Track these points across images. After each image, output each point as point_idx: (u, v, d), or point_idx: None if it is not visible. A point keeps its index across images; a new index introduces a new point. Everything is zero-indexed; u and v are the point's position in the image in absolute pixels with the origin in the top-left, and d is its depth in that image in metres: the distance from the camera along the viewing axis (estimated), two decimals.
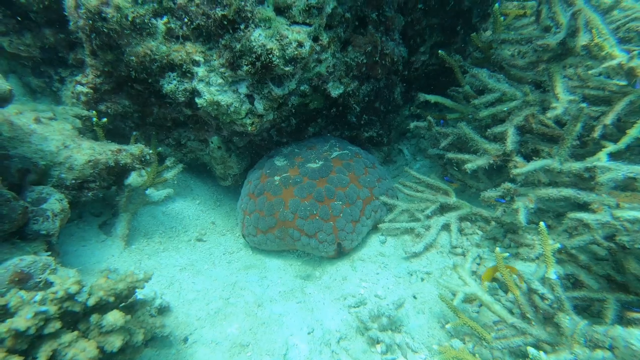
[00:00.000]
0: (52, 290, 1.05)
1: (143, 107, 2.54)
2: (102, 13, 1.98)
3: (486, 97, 2.05)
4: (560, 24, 1.66)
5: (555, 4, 1.68)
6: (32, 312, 0.99)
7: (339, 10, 2.38)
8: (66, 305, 1.07)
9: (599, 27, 1.53)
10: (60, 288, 1.05)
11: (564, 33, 1.62)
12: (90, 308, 1.13)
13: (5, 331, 0.95)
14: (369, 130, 3.10)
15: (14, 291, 1.03)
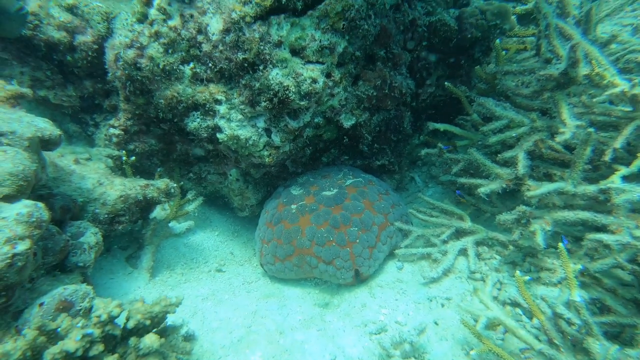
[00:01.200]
0: (97, 314, 1.11)
1: (168, 145, 2.70)
2: (137, 64, 2.17)
3: (494, 124, 2.13)
4: (560, 56, 1.77)
5: (554, 38, 1.80)
6: (80, 335, 1.04)
7: (350, 50, 2.55)
8: (108, 328, 1.12)
9: (598, 58, 1.63)
10: (103, 311, 1.11)
11: (565, 64, 1.72)
12: (128, 331, 1.17)
13: (58, 352, 1.01)
14: (381, 159, 3.18)
15: (63, 316, 1.10)
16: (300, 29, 2.36)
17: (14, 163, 1.35)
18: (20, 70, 2.27)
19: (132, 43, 2.18)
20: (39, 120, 1.55)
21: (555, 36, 1.80)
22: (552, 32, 1.81)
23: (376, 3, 2.48)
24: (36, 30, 2.13)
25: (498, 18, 2.49)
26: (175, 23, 2.25)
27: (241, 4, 2.20)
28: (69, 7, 2.13)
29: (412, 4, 2.68)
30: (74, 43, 2.22)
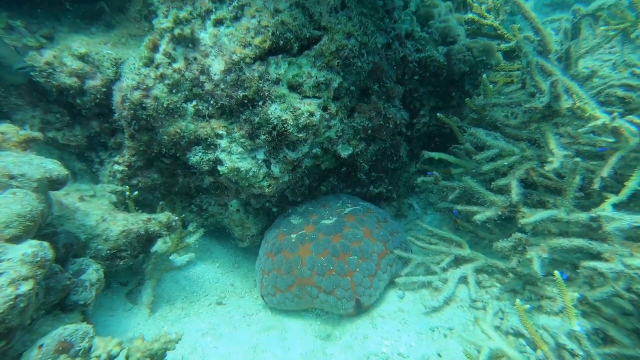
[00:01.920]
0: (96, 354, 1.10)
1: (169, 179, 2.75)
2: (142, 103, 2.28)
3: (486, 153, 2.20)
4: (543, 90, 1.86)
5: (536, 74, 1.90)
6: None
7: (344, 85, 2.67)
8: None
9: (578, 93, 1.72)
10: (103, 351, 1.11)
11: (548, 98, 1.81)
12: None
13: None
14: (379, 187, 3.23)
15: (62, 357, 1.09)
16: (297, 67, 2.49)
17: (22, 204, 1.39)
18: (32, 114, 2.38)
19: (139, 85, 2.29)
20: (47, 162, 1.61)
21: (536, 72, 1.91)
22: (533, 69, 1.92)
23: (368, 42, 2.62)
24: (49, 78, 2.26)
25: (484, 54, 2.63)
26: (179, 65, 2.38)
27: (241, 46, 2.34)
28: (81, 56, 2.27)
29: (403, 43, 2.83)
30: (84, 87, 2.33)
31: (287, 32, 2.37)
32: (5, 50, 1.84)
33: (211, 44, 2.39)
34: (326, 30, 2.48)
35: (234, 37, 2.35)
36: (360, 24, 2.58)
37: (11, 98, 2.30)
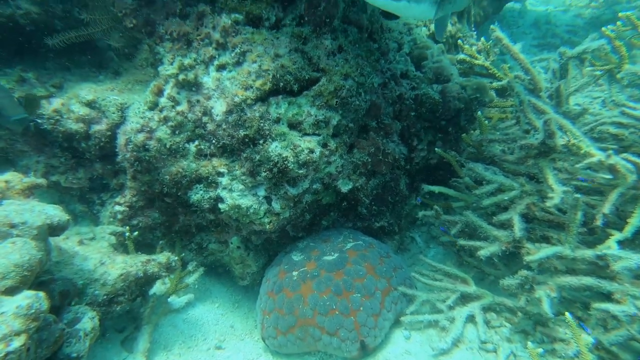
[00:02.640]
0: None
1: (170, 217, 2.74)
2: (146, 145, 2.32)
3: (486, 188, 2.20)
4: (537, 128, 1.91)
5: (529, 113, 1.95)
6: None
7: (343, 122, 2.73)
8: None
9: (572, 130, 1.76)
10: None
11: (542, 135, 1.85)
12: None
13: None
14: (380, 220, 3.20)
15: None
16: (297, 107, 2.56)
17: (21, 254, 1.37)
18: (36, 159, 2.42)
19: (143, 128, 2.34)
20: (49, 208, 1.60)
21: (529, 110, 1.96)
22: (526, 108, 1.97)
23: (365, 82, 2.72)
24: (56, 124, 2.32)
25: (478, 92, 2.72)
26: (183, 108, 2.45)
27: (243, 89, 2.42)
28: (88, 103, 2.34)
29: (398, 82, 2.93)
30: (89, 132, 2.38)
31: (287, 75, 2.46)
32: (8, 101, 1.91)
33: (214, 87, 2.48)
34: (324, 72, 2.58)
35: (236, 81, 2.43)
36: (357, 66, 2.68)
37: (17, 145, 2.35)
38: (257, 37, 2.48)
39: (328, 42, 2.61)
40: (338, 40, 2.67)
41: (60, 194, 2.56)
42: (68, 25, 2.38)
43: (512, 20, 5.55)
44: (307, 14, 2.55)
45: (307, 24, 2.58)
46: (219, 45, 2.45)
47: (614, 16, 4.87)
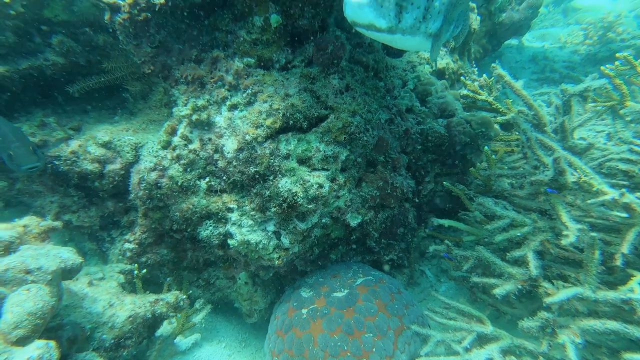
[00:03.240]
0: None
1: (179, 253, 2.72)
2: (158, 183, 2.34)
3: (498, 224, 2.18)
4: (546, 164, 1.92)
5: (537, 149, 1.98)
6: None
7: (352, 157, 2.77)
8: None
9: (582, 168, 1.77)
10: None
11: (552, 172, 1.86)
12: None
13: None
14: (389, 254, 3.16)
15: None
16: (306, 143, 2.60)
17: (35, 301, 1.35)
18: (50, 199, 2.45)
19: (156, 166, 2.38)
20: (63, 251, 1.60)
21: (537, 147, 1.99)
22: (534, 145, 2.00)
23: (372, 119, 2.78)
24: (73, 165, 2.37)
25: (483, 127, 2.77)
26: (195, 146, 2.50)
27: (254, 127, 2.48)
28: (104, 144, 2.41)
29: (404, 117, 3.00)
30: (104, 171, 2.43)
31: (297, 113, 2.53)
32: (23, 150, 1.98)
33: (225, 125, 2.54)
34: (333, 109, 2.65)
35: (247, 120, 2.50)
36: (364, 103, 2.76)
37: (33, 186, 2.39)
38: (267, 79, 2.57)
39: (336, 82, 2.70)
40: (345, 79, 2.77)
41: (70, 232, 2.57)
42: (89, 72, 2.50)
43: (510, 55, 5.77)
44: (315, 56, 2.66)
45: (315, 65, 2.68)
46: (231, 87, 2.54)
47: (610, 54, 5.08)
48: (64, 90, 2.49)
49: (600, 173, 2.00)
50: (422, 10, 1.58)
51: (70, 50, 2.29)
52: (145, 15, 2.18)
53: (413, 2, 1.55)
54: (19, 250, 1.49)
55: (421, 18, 1.60)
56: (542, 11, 5.02)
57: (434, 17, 1.63)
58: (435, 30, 1.68)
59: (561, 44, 6.25)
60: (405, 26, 1.61)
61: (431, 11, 1.60)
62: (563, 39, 6.57)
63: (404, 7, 1.54)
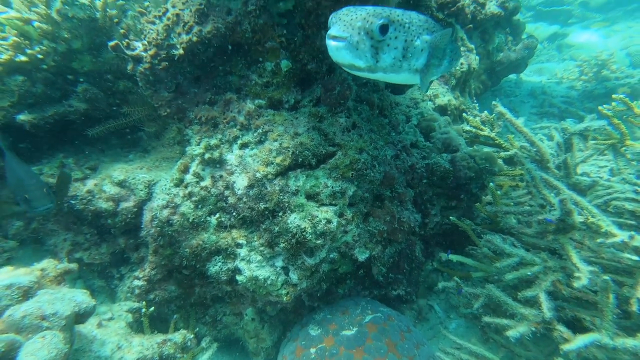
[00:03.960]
0: None
1: (187, 289, 2.69)
2: (170, 220, 2.37)
3: (507, 261, 2.17)
4: (552, 204, 1.94)
5: (542, 189, 2.00)
6: None
7: (359, 193, 2.80)
8: None
9: (588, 209, 1.78)
10: None
11: (559, 213, 1.87)
12: None
13: None
14: (397, 289, 3.11)
15: None
16: (315, 179, 2.65)
17: (49, 349, 1.34)
18: (64, 237, 2.48)
19: (168, 204, 2.41)
20: (78, 294, 1.60)
21: (542, 186, 2.01)
22: (538, 184, 2.03)
23: (379, 155, 2.84)
24: (88, 204, 2.42)
25: (487, 162, 2.82)
26: (206, 183, 2.55)
27: (264, 165, 2.53)
28: (119, 182, 2.46)
29: (409, 152, 3.06)
30: (117, 209, 2.47)
31: (305, 151, 2.59)
32: (38, 193, 2.03)
33: (236, 163, 2.60)
34: (340, 146, 2.71)
35: (258, 158, 2.56)
36: (371, 140, 2.83)
37: (48, 224, 2.43)
38: (277, 118, 2.66)
39: (343, 120, 2.79)
40: (352, 117, 2.86)
41: (81, 269, 2.57)
42: (108, 115, 2.61)
43: (509, 90, 5.95)
44: (323, 97, 2.76)
45: (323, 104, 2.78)
46: (242, 127, 2.62)
47: (605, 91, 5.25)
48: (83, 134, 2.59)
49: (607, 212, 2.01)
50: (401, 51, 1.67)
51: (93, 97, 2.40)
52: (164, 64, 2.30)
53: (389, 44, 1.64)
54: (37, 295, 1.50)
55: (401, 57, 1.69)
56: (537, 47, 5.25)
57: (416, 55, 1.70)
58: (421, 66, 1.74)
59: (558, 79, 6.47)
60: (384, 65, 1.70)
61: (411, 50, 1.68)
62: (559, 74, 6.82)
63: (380, 49, 1.63)
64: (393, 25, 1.62)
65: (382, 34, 1.60)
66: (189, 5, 2.30)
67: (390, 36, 1.62)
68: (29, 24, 2.12)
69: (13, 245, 2.29)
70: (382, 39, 1.61)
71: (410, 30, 1.66)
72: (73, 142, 2.61)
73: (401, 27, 1.64)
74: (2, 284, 1.44)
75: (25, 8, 2.11)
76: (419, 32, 1.68)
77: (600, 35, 9.80)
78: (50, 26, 2.11)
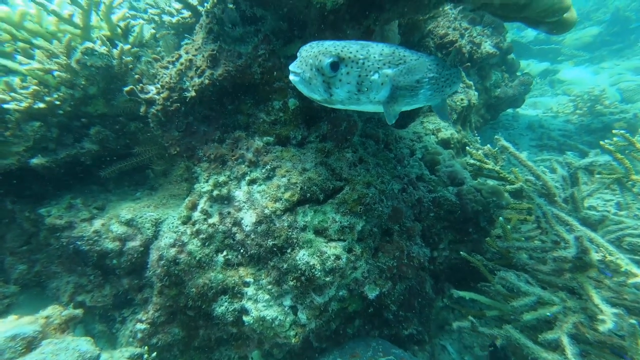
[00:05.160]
0: None
1: (191, 332, 2.55)
2: (176, 259, 2.30)
3: (524, 301, 2.07)
4: (567, 240, 1.89)
5: (555, 225, 1.97)
6: None
7: (367, 227, 2.74)
8: None
9: (605, 246, 1.74)
10: None
11: (575, 251, 1.82)
12: None
13: None
14: (408, 328, 2.96)
15: None
16: (323, 214, 2.60)
17: None
18: (67, 280, 2.39)
19: (175, 242, 2.35)
20: (82, 343, 1.51)
21: (555, 223, 1.98)
22: (551, 220, 2.00)
23: (386, 190, 2.81)
24: (94, 245, 2.36)
25: (494, 196, 2.80)
26: (214, 220, 2.50)
27: (273, 201, 2.50)
28: (126, 222, 2.42)
29: (416, 186, 3.04)
30: (124, 249, 2.41)
31: (314, 186, 2.56)
32: None
33: (244, 199, 2.57)
34: (347, 181, 2.69)
35: (266, 194, 2.53)
36: (378, 175, 2.82)
37: (52, 267, 2.35)
38: (285, 154, 2.67)
39: (349, 155, 2.79)
40: (358, 152, 2.87)
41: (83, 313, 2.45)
42: (118, 154, 2.62)
43: (507, 123, 6.10)
44: (330, 133, 2.79)
45: (330, 140, 2.80)
46: (251, 163, 2.62)
47: (603, 126, 5.39)
48: (92, 172, 2.58)
49: (621, 248, 1.95)
50: (354, 85, 1.70)
51: (104, 138, 2.42)
52: (176, 105, 2.34)
53: (341, 79, 1.69)
54: (41, 345, 1.41)
55: (356, 91, 1.72)
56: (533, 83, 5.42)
57: (375, 89, 1.72)
58: (384, 99, 1.75)
59: (554, 113, 6.65)
60: (339, 99, 1.76)
61: (367, 84, 1.70)
62: (555, 108, 7.02)
63: (332, 84, 1.70)
64: (344, 62, 1.67)
65: (333, 70, 1.67)
66: (202, 51, 2.38)
67: (342, 72, 1.67)
68: (49, 74, 2.19)
69: (14, 290, 2.20)
70: (333, 75, 1.68)
71: (365, 65, 1.69)
72: (81, 181, 2.60)
73: (353, 63, 1.68)
74: (5, 335, 1.36)
75: (47, 59, 2.18)
76: (377, 66, 1.70)
77: (589, 72, 10.23)
78: (69, 74, 2.18)
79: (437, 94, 2.01)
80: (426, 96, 1.95)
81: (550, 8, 1.51)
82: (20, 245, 2.33)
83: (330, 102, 1.78)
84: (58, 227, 2.33)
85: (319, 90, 1.73)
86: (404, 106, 1.95)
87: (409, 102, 1.89)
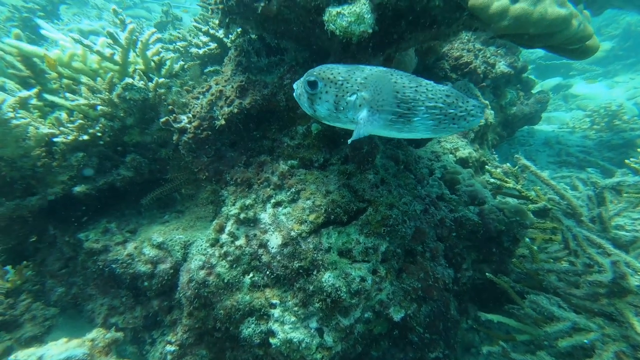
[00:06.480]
0: None
1: (217, 354, 2.53)
2: (206, 281, 2.32)
3: (559, 326, 1.99)
4: (601, 264, 1.82)
5: (587, 248, 1.90)
6: None
7: (391, 248, 2.71)
8: None
9: None
10: None
11: (612, 275, 1.75)
12: None
13: None
14: (434, 351, 2.86)
15: None
16: (346, 235, 2.59)
17: None
18: (101, 302, 2.44)
19: (204, 265, 2.38)
20: None
21: (586, 245, 1.91)
22: (582, 242, 1.93)
23: (408, 210, 2.80)
24: (127, 268, 2.42)
25: (517, 215, 2.74)
26: (241, 242, 2.52)
27: (299, 223, 2.51)
28: (158, 245, 2.48)
29: (437, 206, 3.01)
30: (155, 271, 2.45)
31: (337, 208, 2.57)
32: None
33: (270, 222, 2.59)
34: (370, 202, 2.69)
35: (292, 216, 2.55)
36: (400, 195, 2.81)
37: (87, 289, 2.41)
38: (309, 177, 2.70)
39: (371, 176, 2.80)
40: (380, 174, 2.87)
41: None
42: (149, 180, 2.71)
43: (523, 139, 6.01)
44: (351, 155, 2.81)
45: (351, 162, 2.83)
46: (276, 187, 2.66)
47: (624, 142, 5.24)
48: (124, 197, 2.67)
49: None
50: (332, 104, 1.82)
51: (137, 165, 2.52)
52: (206, 133, 2.42)
53: (321, 97, 1.83)
54: None
55: (334, 110, 1.84)
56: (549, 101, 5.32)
57: (352, 109, 1.81)
58: (359, 119, 1.80)
59: (570, 129, 6.52)
60: (321, 115, 1.90)
61: (343, 104, 1.80)
62: (570, 123, 6.86)
63: (314, 101, 1.85)
64: (323, 81, 1.81)
65: (311, 88, 1.82)
66: (231, 82, 2.47)
67: (321, 90, 1.82)
68: (93, 109, 2.32)
69: (54, 312, 2.25)
70: (313, 93, 1.83)
71: (344, 87, 1.80)
72: (114, 205, 2.69)
73: (332, 83, 1.81)
74: (60, 357, 1.39)
75: (91, 94, 2.32)
76: (356, 89, 1.79)
77: (603, 86, 10.04)
78: (110, 108, 2.31)
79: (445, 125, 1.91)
80: (427, 126, 1.89)
81: (574, 37, 1.52)
82: (60, 269, 2.40)
83: (317, 117, 1.94)
84: (95, 251, 2.39)
85: (305, 105, 1.91)
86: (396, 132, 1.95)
87: (400, 129, 1.89)
